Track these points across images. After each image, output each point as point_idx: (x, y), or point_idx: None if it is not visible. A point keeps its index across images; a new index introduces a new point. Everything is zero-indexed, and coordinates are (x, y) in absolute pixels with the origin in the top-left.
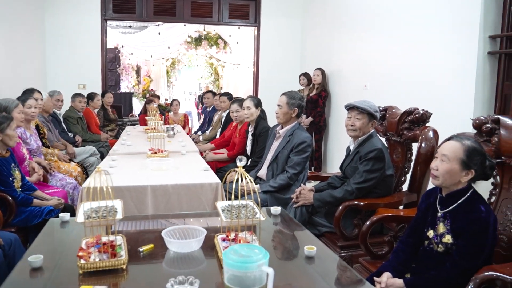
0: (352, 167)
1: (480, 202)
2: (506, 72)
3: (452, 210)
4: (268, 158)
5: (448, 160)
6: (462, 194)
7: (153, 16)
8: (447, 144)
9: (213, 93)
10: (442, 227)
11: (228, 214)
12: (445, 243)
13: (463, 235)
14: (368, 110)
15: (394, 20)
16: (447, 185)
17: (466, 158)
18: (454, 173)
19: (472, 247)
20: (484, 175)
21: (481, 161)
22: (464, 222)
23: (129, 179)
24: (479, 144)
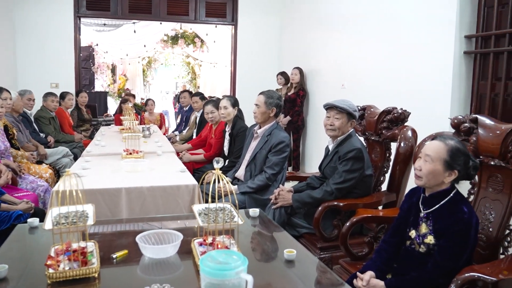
0: (331, 167)
1: (463, 203)
2: (482, 72)
3: (435, 210)
4: (246, 158)
5: (432, 160)
6: (445, 195)
7: (128, 14)
8: (431, 144)
9: (189, 92)
10: (424, 227)
11: (205, 218)
12: (427, 243)
13: (445, 236)
14: (347, 110)
15: (372, 20)
16: (430, 186)
17: (449, 158)
18: (437, 173)
19: (454, 248)
20: (468, 175)
21: (465, 162)
22: (447, 223)
23: (102, 182)
24: (462, 144)
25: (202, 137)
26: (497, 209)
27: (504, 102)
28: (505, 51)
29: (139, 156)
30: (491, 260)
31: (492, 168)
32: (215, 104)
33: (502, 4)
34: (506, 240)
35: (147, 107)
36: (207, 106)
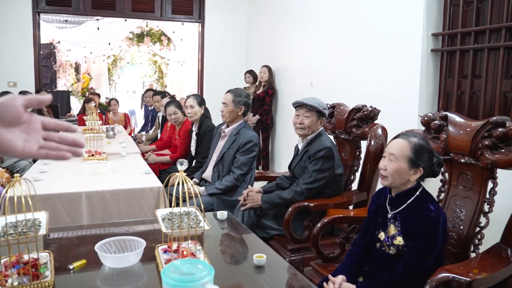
0: (301, 166)
1: (430, 201)
2: (448, 69)
3: (402, 210)
4: (213, 158)
5: (396, 159)
6: (411, 194)
7: (91, 10)
8: (394, 142)
9: (154, 91)
10: (393, 228)
11: (169, 223)
12: (397, 245)
13: (413, 236)
14: (317, 108)
15: (341, 18)
16: (397, 185)
17: (413, 156)
18: (403, 172)
19: (423, 248)
20: (432, 172)
21: (429, 158)
22: (414, 222)
23: (61, 186)
24: (426, 141)
25: (165, 139)
26: (468, 207)
27: (470, 99)
28: (471, 49)
29: (102, 158)
30: (462, 258)
31: (462, 165)
32: (177, 105)
33: (467, 3)
34: (477, 237)
35: (111, 107)
36: (169, 107)
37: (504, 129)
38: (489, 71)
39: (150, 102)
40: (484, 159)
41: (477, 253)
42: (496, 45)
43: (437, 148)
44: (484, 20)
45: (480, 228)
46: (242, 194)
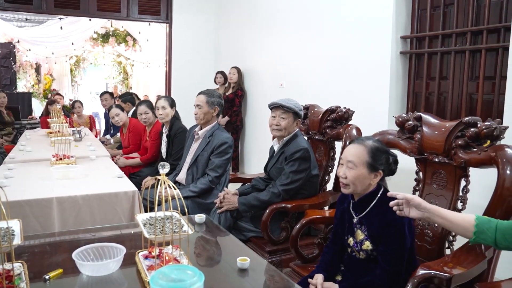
0: (277, 168)
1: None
2: (417, 71)
3: (366, 214)
4: (187, 161)
5: (355, 166)
6: (373, 197)
7: (53, 9)
8: (350, 148)
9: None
10: (360, 233)
11: (151, 228)
12: (366, 250)
13: (382, 241)
14: (293, 109)
15: (310, 20)
16: (358, 191)
17: (372, 160)
18: (364, 178)
19: (394, 252)
20: (390, 171)
21: (386, 159)
22: (380, 226)
23: (30, 191)
24: (380, 142)
25: (131, 145)
26: (442, 205)
27: (438, 100)
28: (438, 51)
29: (71, 162)
30: (437, 254)
31: (436, 164)
32: (149, 105)
33: (434, 7)
34: (451, 234)
35: (75, 110)
36: (140, 106)
37: (476, 129)
38: (455, 73)
39: (107, 105)
40: (458, 158)
41: (451, 249)
42: (462, 48)
43: (411, 148)
44: (450, 23)
45: None
46: (218, 197)
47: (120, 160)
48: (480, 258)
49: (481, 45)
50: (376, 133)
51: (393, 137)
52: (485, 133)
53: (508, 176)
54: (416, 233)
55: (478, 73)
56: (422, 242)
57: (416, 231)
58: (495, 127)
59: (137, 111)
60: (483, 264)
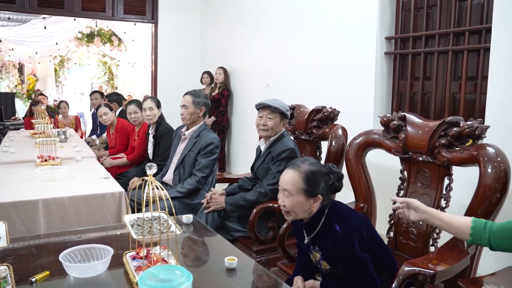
0: (264, 168)
1: (335, 220)
2: (401, 71)
3: (314, 236)
4: (173, 161)
5: (291, 194)
6: (319, 218)
7: (37, 8)
8: (285, 175)
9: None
10: (315, 254)
11: (138, 229)
12: (325, 269)
13: (337, 263)
14: (280, 109)
15: (296, 20)
16: (302, 217)
17: (307, 186)
18: (302, 205)
19: (355, 272)
20: (335, 190)
21: (325, 182)
22: (329, 249)
23: (14, 193)
24: (318, 164)
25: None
26: (426, 203)
27: (422, 100)
28: (422, 52)
29: (56, 163)
30: (422, 251)
31: (420, 163)
32: (138, 104)
33: (417, 9)
34: (435, 231)
35: (60, 110)
36: (130, 106)
37: (458, 129)
38: (439, 74)
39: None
40: (441, 157)
41: (435, 246)
42: (445, 49)
43: (396, 148)
44: (433, 25)
45: None
46: (205, 197)
47: (106, 160)
48: (463, 254)
49: (463, 46)
50: (362, 133)
51: (378, 136)
52: (467, 133)
53: (490, 174)
54: (401, 231)
55: (460, 73)
56: (407, 240)
57: (401, 229)
58: (477, 126)
59: (126, 110)
60: (466, 260)
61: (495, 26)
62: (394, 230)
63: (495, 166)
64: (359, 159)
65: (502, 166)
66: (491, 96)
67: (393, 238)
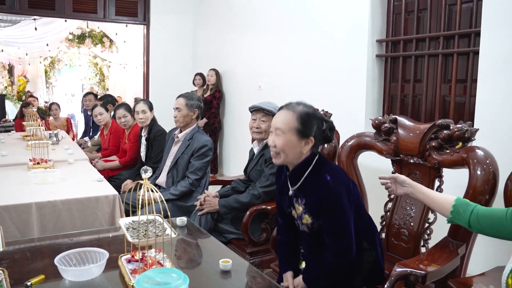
0: (257, 170)
1: (325, 170)
2: (392, 74)
3: (300, 186)
4: (167, 164)
5: (283, 133)
6: (306, 166)
7: (27, 9)
8: (279, 115)
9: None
10: (298, 207)
11: (134, 232)
12: (306, 223)
13: (321, 215)
14: (273, 112)
15: (288, 23)
16: (290, 160)
17: (301, 126)
18: (293, 145)
19: (336, 228)
20: (326, 139)
21: (318, 126)
22: (314, 199)
23: (7, 197)
24: (312, 108)
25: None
26: (417, 205)
27: (413, 102)
28: (413, 55)
29: (49, 166)
30: (413, 252)
31: (411, 165)
32: (127, 108)
33: (408, 12)
34: (426, 233)
35: (52, 112)
36: (118, 110)
37: (449, 131)
38: (429, 76)
39: (90, 105)
40: (432, 159)
41: (426, 247)
42: (435, 52)
43: (387, 150)
44: (423, 28)
45: (428, 224)
46: (198, 199)
47: (98, 163)
48: (453, 255)
49: (453, 49)
50: (354, 135)
51: (370, 139)
52: (457, 135)
53: (479, 176)
54: (392, 232)
55: (450, 76)
56: (399, 241)
57: (392, 230)
58: (467, 129)
59: (115, 114)
60: (456, 261)
61: (484, 30)
62: (386, 231)
63: (484, 168)
64: (351, 161)
65: (491, 168)
66: (480, 98)
67: (385, 239)
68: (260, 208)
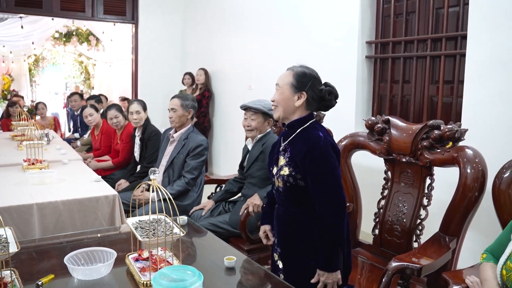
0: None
1: (319, 129)
2: (381, 75)
3: (291, 140)
4: (162, 164)
5: (280, 87)
6: (301, 123)
7: (14, 7)
8: (281, 75)
9: (80, 95)
10: (282, 160)
11: (142, 232)
12: (282, 175)
13: (307, 168)
14: (261, 110)
15: (278, 23)
16: (287, 114)
17: (295, 81)
18: (287, 98)
19: (325, 184)
20: (325, 102)
21: (313, 84)
22: (301, 150)
23: (8, 198)
24: (312, 70)
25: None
26: (409, 202)
27: (401, 102)
28: (402, 56)
29: (43, 166)
30: (406, 247)
31: (403, 164)
32: (118, 108)
33: (396, 15)
34: (418, 229)
35: (38, 111)
36: (110, 110)
37: (440, 132)
38: (417, 77)
39: (76, 106)
40: (423, 158)
41: (418, 242)
42: (423, 54)
43: (380, 149)
44: (412, 30)
45: (420, 220)
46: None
47: (91, 163)
48: (445, 249)
49: (441, 52)
50: (347, 135)
51: (363, 139)
52: (448, 136)
53: (469, 174)
54: (385, 229)
55: (438, 77)
56: (392, 237)
57: (385, 226)
58: (457, 130)
59: (106, 115)
60: (448, 254)
61: (470, 33)
62: (379, 228)
63: (474, 166)
64: (345, 160)
65: (480, 166)
66: (467, 99)
67: (378, 235)
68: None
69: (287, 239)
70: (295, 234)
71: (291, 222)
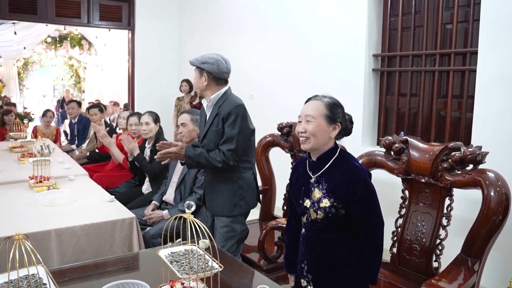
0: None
1: (351, 159)
2: (387, 87)
3: (325, 171)
4: (173, 180)
5: (314, 118)
6: (332, 154)
7: (8, 14)
8: (308, 105)
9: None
10: (317, 192)
11: (179, 267)
12: (323, 207)
13: (352, 201)
14: (195, 63)
15: (283, 33)
16: (319, 146)
17: (330, 112)
18: (323, 130)
19: (370, 212)
20: (347, 130)
21: (343, 114)
22: (340, 179)
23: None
24: (337, 100)
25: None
26: (428, 221)
27: (409, 115)
28: (410, 70)
29: (51, 184)
30: (425, 267)
31: (421, 184)
32: (139, 116)
33: (403, 28)
34: (438, 248)
35: (45, 118)
36: (132, 117)
37: (461, 154)
38: (425, 91)
39: (73, 113)
40: (444, 180)
41: (438, 262)
42: (432, 69)
43: (398, 169)
44: (419, 44)
45: (440, 240)
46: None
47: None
48: (471, 272)
49: (449, 67)
50: (363, 154)
51: (380, 158)
52: (469, 159)
53: (492, 197)
54: (404, 248)
55: (446, 92)
56: (410, 255)
57: (404, 245)
58: (478, 153)
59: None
60: (474, 277)
61: (481, 50)
62: (397, 246)
63: (497, 190)
64: None
65: (503, 190)
66: (478, 115)
67: (396, 254)
68: (276, 226)
69: (321, 265)
70: (329, 259)
71: (326, 248)
